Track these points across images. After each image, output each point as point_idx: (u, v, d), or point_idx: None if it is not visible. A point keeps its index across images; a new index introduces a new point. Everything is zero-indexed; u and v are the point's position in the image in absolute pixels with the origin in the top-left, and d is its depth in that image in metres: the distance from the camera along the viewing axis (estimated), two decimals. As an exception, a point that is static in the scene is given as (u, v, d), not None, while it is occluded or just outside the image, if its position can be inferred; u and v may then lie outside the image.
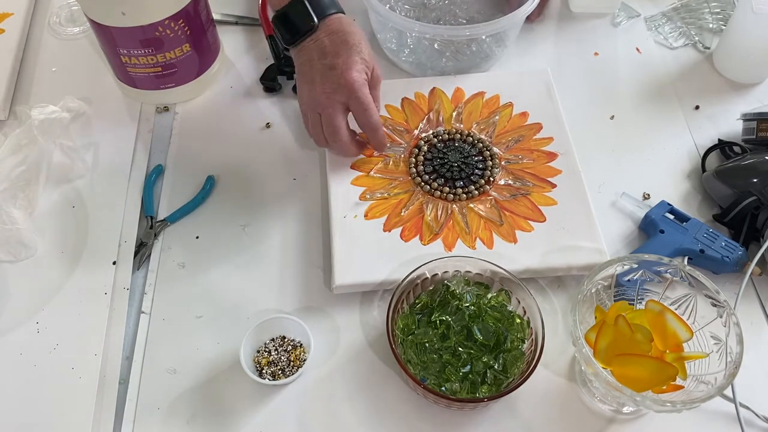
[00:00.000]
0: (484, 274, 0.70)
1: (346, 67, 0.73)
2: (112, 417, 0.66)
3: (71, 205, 0.80)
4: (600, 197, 0.81)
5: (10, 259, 0.75)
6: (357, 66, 0.73)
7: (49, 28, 0.99)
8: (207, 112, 0.89)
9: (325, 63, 0.73)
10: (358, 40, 0.74)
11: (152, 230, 0.77)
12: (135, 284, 0.74)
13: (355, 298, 0.73)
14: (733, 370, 0.59)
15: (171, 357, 0.69)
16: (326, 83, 0.73)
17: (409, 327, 0.67)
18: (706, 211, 0.80)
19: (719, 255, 0.73)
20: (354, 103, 0.74)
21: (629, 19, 1.00)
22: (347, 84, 0.72)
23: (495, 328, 0.66)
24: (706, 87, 0.92)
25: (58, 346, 0.70)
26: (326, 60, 0.73)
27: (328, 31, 0.74)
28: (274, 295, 0.73)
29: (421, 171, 0.80)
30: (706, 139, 0.87)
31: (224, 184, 0.82)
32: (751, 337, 0.69)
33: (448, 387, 0.64)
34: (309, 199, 0.81)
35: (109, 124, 0.87)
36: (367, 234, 0.75)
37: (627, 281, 0.68)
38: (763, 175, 0.75)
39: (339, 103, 0.74)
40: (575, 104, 0.88)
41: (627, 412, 0.66)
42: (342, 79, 0.72)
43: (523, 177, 0.80)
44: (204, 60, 0.88)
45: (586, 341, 0.63)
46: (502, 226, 0.76)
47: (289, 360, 0.67)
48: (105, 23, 0.78)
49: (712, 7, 1.01)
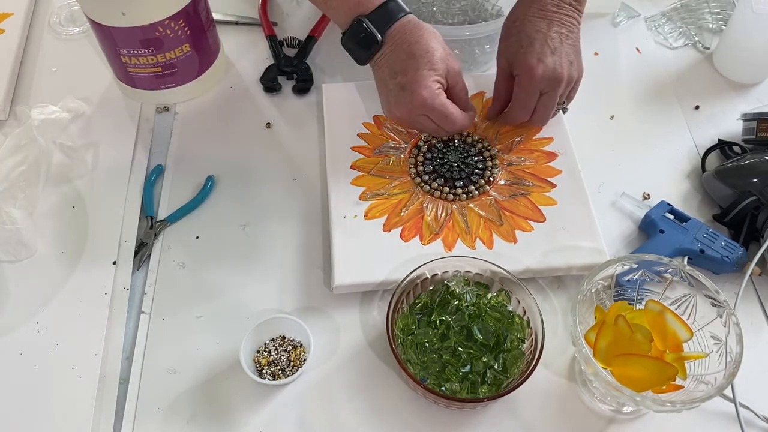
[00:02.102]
0: (484, 274, 0.70)
1: (415, 86, 0.71)
2: (112, 417, 0.66)
3: (71, 205, 0.80)
4: (600, 197, 0.81)
5: (10, 259, 0.75)
6: (425, 81, 0.72)
7: (49, 28, 0.99)
8: (207, 112, 0.89)
9: (397, 83, 0.73)
10: (425, 47, 0.72)
11: (152, 230, 0.77)
12: (135, 284, 0.74)
13: (355, 298, 0.73)
14: (732, 370, 0.59)
15: (171, 357, 0.69)
16: (401, 106, 0.73)
17: (409, 327, 0.67)
18: (706, 211, 0.80)
19: (719, 255, 0.73)
20: (433, 116, 0.74)
21: (629, 19, 1.00)
22: (420, 104, 0.72)
23: (495, 328, 0.66)
24: (706, 87, 0.93)
25: (58, 346, 0.70)
26: (396, 80, 0.73)
27: (393, 44, 0.73)
28: (274, 295, 0.73)
29: (421, 171, 0.80)
30: (706, 139, 0.87)
31: (224, 184, 0.82)
32: (751, 337, 0.69)
33: (448, 387, 0.64)
34: (309, 199, 0.81)
35: (109, 124, 0.87)
36: (367, 234, 0.75)
37: (627, 281, 0.68)
38: (763, 175, 0.75)
39: (420, 117, 0.74)
40: (575, 104, 0.88)
41: (627, 412, 0.66)
42: (414, 99, 0.72)
43: (523, 177, 0.80)
44: (204, 60, 0.88)
45: (586, 341, 0.63)
46: (502, 226, 0.76)
47: (289, 360, 0.67)
48: (105, 23, 0.78)
49: (712, 7, 1.01)
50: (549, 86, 0.75)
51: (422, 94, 0.71)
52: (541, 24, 0.75)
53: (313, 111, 0.89)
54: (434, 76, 0.72)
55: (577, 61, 0.77)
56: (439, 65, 0.72)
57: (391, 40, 0.73)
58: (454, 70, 0.75)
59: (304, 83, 0.91)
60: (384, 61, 0.74)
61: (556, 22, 0.75)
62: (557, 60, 0.74)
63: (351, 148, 0.82)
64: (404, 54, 0.72)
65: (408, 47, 0.72)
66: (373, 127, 0.84)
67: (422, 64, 0.72)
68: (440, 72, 0.73)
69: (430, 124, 0.76)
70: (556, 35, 0.75)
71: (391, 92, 0.74)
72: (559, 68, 0.74)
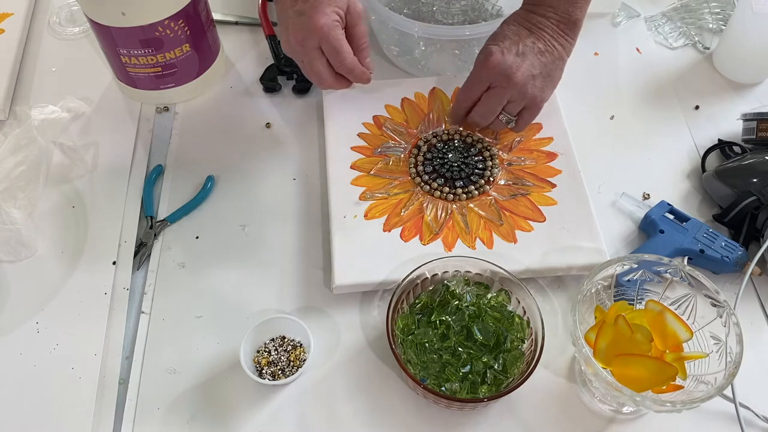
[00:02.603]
0: (484, 274, 0.70)
1: (313, 11, 0.71)
2: (112, 417, 0.66)
3: (71, 205, 0.80)
4: (600, 197, 0.81)
5: (10, 259, 0.75)
6: (324, 9, 0.71)
7: (49, 28, 0.99)
8: (207, 112, 0.89)
9: (296, 9, 0.73)
10: None
11: (152, 230, 0.78)
12: (135, 284, 0.74)
13: (355, 298, 0.73)
14: (732, 370, 0.59)
15: (171, 357, 0.69)
16: (297, 31, 0.73)
17: (409, 327, 0.67)
18: (706, 211, 0.80)
19: (719, 255, 0.73)
20: (325, 47, 0.73)
21: (629, 19, 1.00)
22: (315, 29, 0.72)
23: (495, 328, 0.66)
24: (706, 87, 0.93)
25: (58, 346, 0.70)
26: (297, 6, 0.73)
27: None
28: (274, 295, 0.73)
29: (421, 171, 0.80)
30: (706, 139, 0.87)
31: (224, 184, 0.82)
32: (751, 337, 0.69)
33: (448, 387, 0.64)
34: (309, 199, 0.81)
35: (109, 124, 0.87)
36: (367, 234, 0.75)
37: (627, 281, 0.68)
38: (763, 175, 0.75)
39: (313, 49, 0.73)
40: (575, 104, 0.88)
41: (627, 412, 0.66)
42: (310, 23, 0.71)
43: (523, 177, 0.80)
44: (204, 60, 0.88)
45: (586, 341, 0.63)
46: (502, 226, 0.76)
47: (289, 360, 0.67)
48: (105, 23, 0.78)
49: (712, 7, 1.01)
50: (498, 80, 0.74)
51: (320, 20, 0.71)
52: (522, 31, 0.76)
53: (313, 111, 0.89)
54: (333, 7, 0.72)
55: (543, 83, 0.75)
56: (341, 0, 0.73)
57: None
58: (355, 10, 0.75)
59: (304, 83, 0.91)
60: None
61: (536, 36, 0.75)
62: (518, 62, 0.73)
63: (351, 148, 0.82)
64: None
65: None
66: (373, 127, 0.84)
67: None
68: (340, 5, 0.73)
69: (321, 61, 0.74)
70: (530, 45, 0.75)
71: (289, 19, 0.73)
72: (516, 69, 0.73)
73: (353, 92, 0.86)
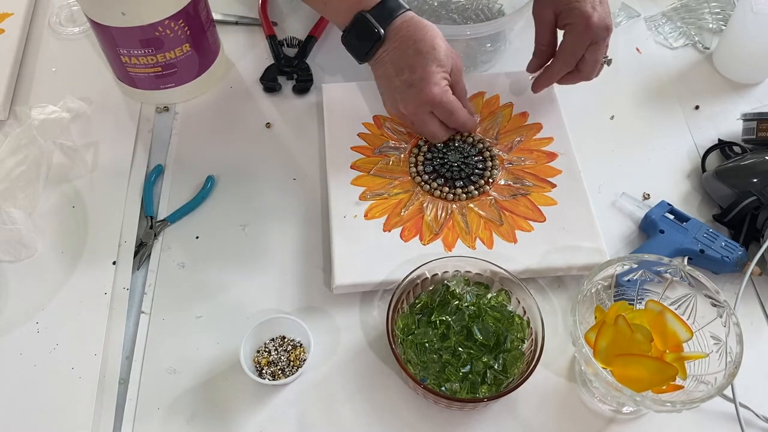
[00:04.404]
0: (484, 274, 0.70)
1: (425, 83, 0.72)
2: (112, 417, 0.66)
3: (71, 205, 0.80)
4: (600, 197, 0.81)
5: (10, 259, 0.75)
6: (434, 78, 0.72)
7: (49, 28, 0.99)
8: (207, 112, 0.89)
9: (404, 80, 0.73)
10: (430, 44, 0.72)
11: (152, 230, 0.77)
12: (135, 284, 0.74)
13: (355, 298, 0.73)
14: (732, 370, 0.59)
15: (171, 357, 0.69)
16: (408, 103, 0.74)
17: (409, 327, 0.67)
18: (706, 211, 0.80)
19: (719, 255, 0.73)
20: (439, 112, 0.75)
21: (629, 19, 1.00)
22: (429, 100, 0.73)
23: (495, 328, 0.66)
24: (706, 87, 0.93)
25: (58, 346, 0.70)
26: (403, 76, 0.73)
27: (397, 40, 0.72)
28: (274, 295, 0.73)
29: (421, 171, 0.80)
30: (706, 139, 0.87)
31: (224, 184, 0.82)
32: (751, 337, 0.69)
33: (448, 387, 0.64)
34: (309, 199, 0.81)
35: (109, 124, 0.87)
36: (367, 234, 0.75)
37: (627, 281, 0.68)
38: (763, 175, 0.75)
39: (426, 114, 0.75)
40: (575, 104, 0.88)
41: (627, 412, 0.66)
42: (423, 96, 0.72)
43: (523, 177, 0.80)
44: (204, 60, 0.88)
45: (586, 341, 0.63)
46: (502, 226, 0.76)
47: (289, 360, 0.67)
48: (105, 23, 0.78)
49: (712, 7, 1.01)
50: (599, 35, 0.76)
51: (432, 90, 0.72)
52: None
53: (313, 111, 0.89)
54: (441, 73, 0.73)
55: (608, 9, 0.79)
56: (446, 62, 0.73)
57: (394, 36, 0.73)
58: (456, 67, 0.75)
59: (304, 83, 0.91)
60: (388, 57, 0.73)
61: None
62: (606, 10, 0.77)
63: (351, 148, 0.82)
64: (411, 50, 0.72)
65: (414, 44, 0.72)
66: (373, 127, 0.84)
67: (430, 60, 0.72)
68: (447, 69, 0.73)
69: (434, 123, 0.76)
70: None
71: (397, 89, 0.74)
72: (608, 18, 0.76)
73: (353, 92, 0.87)
